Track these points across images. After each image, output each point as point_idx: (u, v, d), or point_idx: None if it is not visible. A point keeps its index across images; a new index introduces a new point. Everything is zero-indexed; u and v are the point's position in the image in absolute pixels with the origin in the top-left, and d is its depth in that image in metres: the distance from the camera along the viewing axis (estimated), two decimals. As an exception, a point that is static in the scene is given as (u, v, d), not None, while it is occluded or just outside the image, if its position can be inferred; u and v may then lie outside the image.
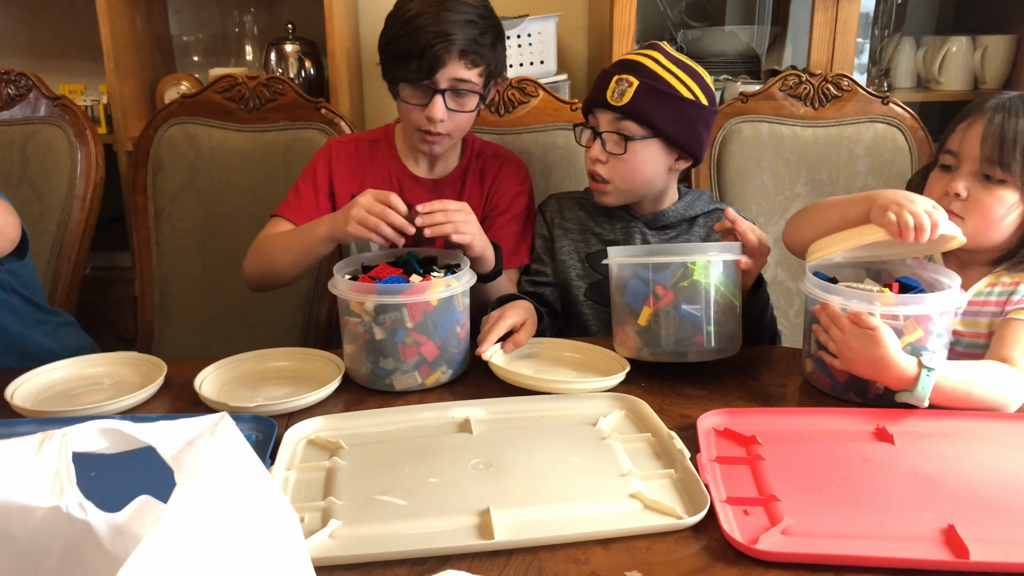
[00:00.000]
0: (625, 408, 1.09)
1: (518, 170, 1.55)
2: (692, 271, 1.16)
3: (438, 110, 1.36)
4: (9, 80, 1.83)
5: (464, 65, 1.35)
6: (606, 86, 1.35)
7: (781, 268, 1.84)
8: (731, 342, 1.20)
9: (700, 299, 1.17)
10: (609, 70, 1.37)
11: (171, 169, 1.80)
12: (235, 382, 1.20)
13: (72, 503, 0.55)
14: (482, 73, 1.38)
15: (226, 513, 0.58)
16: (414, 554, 0.80)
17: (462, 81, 1.36)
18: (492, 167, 1.54)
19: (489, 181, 1.53)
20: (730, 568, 0.78)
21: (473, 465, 0.95)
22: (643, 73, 1.33)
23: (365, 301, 1.13)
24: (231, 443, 0.64)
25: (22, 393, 1.14)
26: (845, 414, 1.07)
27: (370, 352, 1.15)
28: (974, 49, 2.23)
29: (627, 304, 1.20)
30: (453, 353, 1.18)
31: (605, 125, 1.35)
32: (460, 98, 1.38)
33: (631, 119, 1.33)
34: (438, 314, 1.15)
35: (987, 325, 1.23)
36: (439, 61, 1.33)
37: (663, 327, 1.18)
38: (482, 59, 1.37)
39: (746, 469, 0.94)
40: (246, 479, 0.62)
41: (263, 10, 2.38)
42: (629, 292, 1.19)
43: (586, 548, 0.81)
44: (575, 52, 2.38)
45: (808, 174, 1.82)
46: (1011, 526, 0.83)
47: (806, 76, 1.82)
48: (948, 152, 1.24)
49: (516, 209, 1.52)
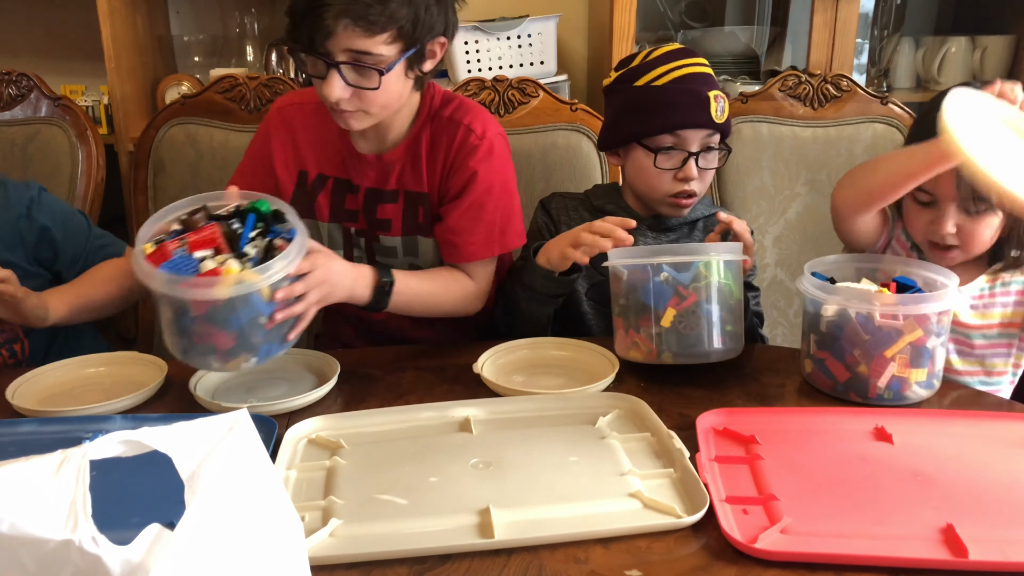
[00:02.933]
0: (624, 407, 1.09)
1: (480, 138, 1.29)
2: (708, 272, 1.15)
3: (333, 88, 1.16)
4: (10, 80, 1.83)
5: (360, 33, 1.12)
6: (703, 105, 1.30)
7: (781, 268, 1.85)
8: (740, 342, 1.21)
9: (718, 299, 1.16)
10: (693, 89, 1.32)
11: (172, 169, 1.80)
12: (232, 382, 1.20)
13: (86, 537, 0.55)
14: (391, 40, 1.14)
15: (232, 538, 0.59)
16: (414, 553, 0.80)
17: (362, 53, 1.14)
18: (445, 134, 1.30)
19: (442, 153, 1.30)
20: (729, 567, 0.78)
21: (473, 464, 0.95)
22: (720, 86, 1.34)
23: (149, 281, 1.01)
24: (246, 448, 0.65)
25: (23, 393, 1.14)
26: (844, 414, 1.07)
27: (166, 326, 1.05)
28: (973, 49, 2.23)
29: (646, 304, 1.16)
30: (257, 343, 1.05)
31: (698, 144, 1.33)
32: (362, 72, 1.16)
33: (721, 132, 1.34)
34: (229, 309, 1.00)
35: (999, 316, 1.26)
36: (324, 30, 1.11)
37: (689, 327, 1.15)
38: (388, 21, 1.12)
39: (745, 468, 0.94)
40: (254, 492, 0.64)
41: (264, 10, 2.38)
42: (647, 293, 1.16)
43: (586, 547, 0.81)
44: (575, 52, 2.38)
45: (808, 174, 1.82)
46: (1010, 525, 0.83)
47: (806, 76, 1.82)
48: (922, 190, 1.22)
49: (475, 193, 1.30)
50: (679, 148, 1.33)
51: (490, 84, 1.78)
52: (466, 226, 1.30)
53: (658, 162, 1.34)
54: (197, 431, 0.63)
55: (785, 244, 1.84)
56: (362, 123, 1.23)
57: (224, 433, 0.65)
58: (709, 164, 1.35)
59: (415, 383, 1.20)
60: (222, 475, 0.61)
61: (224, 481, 0.61)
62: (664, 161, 1.34)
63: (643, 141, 1.34)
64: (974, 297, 1.27)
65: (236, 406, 1.08)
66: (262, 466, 0.66)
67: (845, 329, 1.11)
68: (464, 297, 1.34)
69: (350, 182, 1.35)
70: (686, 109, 1.31)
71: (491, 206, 1.30)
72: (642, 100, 1.34)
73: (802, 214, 1.83)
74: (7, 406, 1.11)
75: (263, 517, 0.64)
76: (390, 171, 1.32)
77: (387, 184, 1.33)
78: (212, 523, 0.58)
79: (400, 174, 1.32)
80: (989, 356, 1.28)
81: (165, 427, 0.63)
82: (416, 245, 1.36)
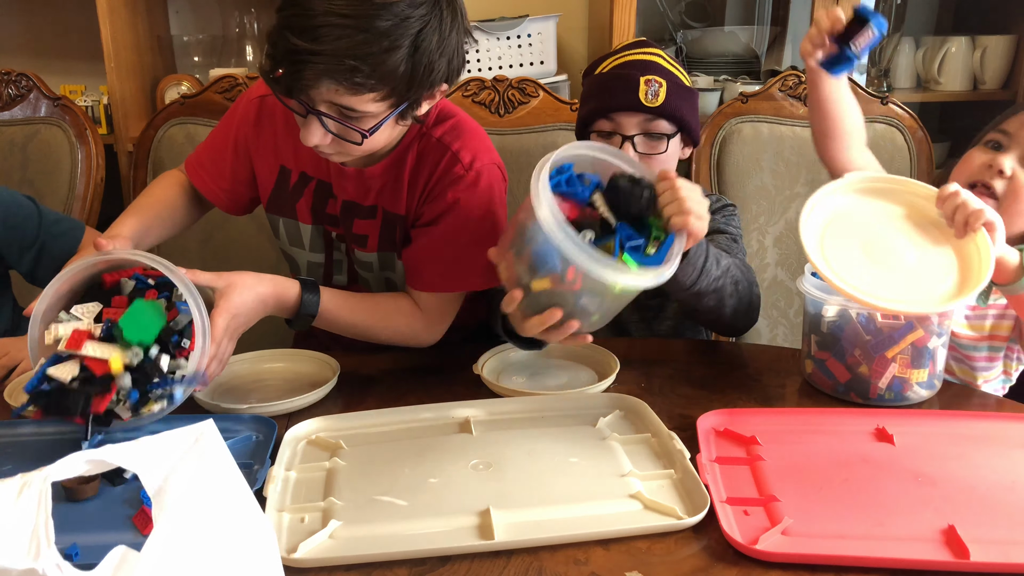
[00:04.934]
0: (625, 408, 1.09)
1: (465, 168, 1.18)
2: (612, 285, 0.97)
3: (312, 135, 1.05)
4: (9, 80, 1.83)
5: (344, 91, 0.99)
6: (632, 88, 1.25)
7: (781, 268, 1.84)
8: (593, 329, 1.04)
9: (600, 299, 0.99)
10: (625, 73, 1.28)
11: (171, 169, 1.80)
12: (232, 383, 1.20)
13: (49, 565, 0.54)
14: (380, 98, 1.01)
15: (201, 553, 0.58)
16: (414, 554, 0.80)
17: (346, 108, 1.02)
18: (431, 157, 1.20)
19: (423, 177, 1.20)
20: (730, 568, 0.78)
21: (473, 465, 0.95)
22: (663, 72, 1.28)
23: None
24: (213, 459, 0.64)
25: (23, 393, 1.14)
26: (845, 414, 1.07)
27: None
28: (973, 49, 2.23)
29: (535, 255, 0.96)
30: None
31: (633, 128, 1.28)
32: (346, 123, 1.04)
33: (664, 118, 1.27)
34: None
35: (990, 328, 1.26)
36: (301, 81, 0.98)
37: (543, 309, 0.99)
38: (378, 83, 0.99)
39: (746, 469, 0.94)
40: (223, 504, 0.63)
41: (264, 10, 2.38)
42: (540, 247, 0.95)
43: (586, 548, 0.81)
44: (575, 52, 2.38)
45: (808, 174, 1.82)
46: (1011, 526, 0.83)
47: (806, 76, 1.82)
48: (1002, 132, 1.23)
49: (447, 224, 1.19)
50: (616, 132, 1.29)
51: (490, 84, 1.78)
52: (430, 256, 1.22)
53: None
54: (163, 445, 0.62)
55: (785, 244, 1.84)
56: (343, 159, 1.16)
57: (191, 445, 0.64)
58: (651, 150, 1.28)
59: (415, 384, 1.19)
60: (189, 489, 0.60)
61: (192, 496, 0.60)
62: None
63: (590, 129, 1.33)
64: (969, 308, 1.27)
65: (235, 407, 1.08)
66: (230, 476, 0.65)
67: (846, 330, 1.11)
68: (408, 329, 1.24)
69: (331, 188, 1.27)
70: (615, 93, 1.27)
71: (462, 241, 1.19)
72: (587, 88, 1.34)
73: (802, 214, 1.83)
74: (7, 406, 1.11)
75: (233, 528, 0.63)
76: (370, 187, 1.23)
77: (366, 200, 1.25)
78: (180, 541, 0.57)
79: (380, 191, 1.24)
80: (982, 369, 1.29)
81: (131, 443, 0.62)
82: (393, 262, 1.30)
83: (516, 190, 1.73)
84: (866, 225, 1.06)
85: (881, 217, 1.07)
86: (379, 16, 0.96)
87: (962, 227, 1.02)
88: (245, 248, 1.82)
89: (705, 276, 1.16)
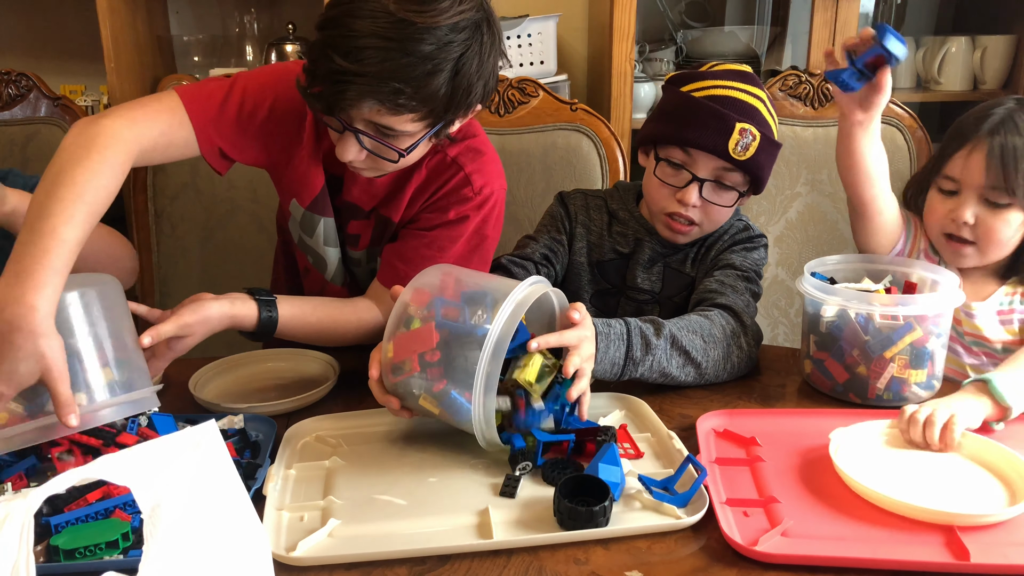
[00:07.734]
0: (625, 408, 1.09)
1: (475, 193, 1.20)
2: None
3: (348, 151, 1.07)
4: (9, 80, 1.83)
5: (385, 111, 1.01)
6: (724, 132, 1.18)
7: (781, 268, 1.84)
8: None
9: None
10: (722, 113, 1.19)
11: (171, 169, 1.80)
12: (232, 383, 1.20)
13: None
14: (419, 119, 1.04)
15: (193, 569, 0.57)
16: (414, 553, 0.80)
17: (385, 128, 1.04)
18: (442, 176, 1.20)
19: (429, 193, 1.21)
20: (729, 569, 0.78)
21: (472, 464, 0.95)
22: (760, 123, 1.20)
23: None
24: (213, 466, 0.63)
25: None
26: (845, 415, 1.07)
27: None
28: (973, 49, 2.23)
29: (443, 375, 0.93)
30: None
31: (708, 172, 1.21)
32: (383, 141, 1.06)
33: (744, 172, 1.21)
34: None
35: (1020, 332, 1.27)
36: (343, 100, 1.00)
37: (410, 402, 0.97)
38: (419, 104, 1.01)
39: (746, 470, 0.94)
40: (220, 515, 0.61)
41: (263, 10, 2.38)
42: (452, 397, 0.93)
43: (586, 548, 0.81)
44: (575, 52, 2.38)
45: (808, 174, 1.82)
46: (1011, 528, 0.83)
47: (806, 76, 1.82)
48: (948, 179, 1.24)
49: (443, 233, 1.20)
50: (687, 168, 1.22)
51: (490, 84, 1.77)
52: (413, 256, 1.19)
53: (657, 171, 1.25)
54: (161, 453, 0.60)
55: (785, 244, 1.84)
56: (375, 174, 1.17)
57: (191, 451, 0.62)
58: (717, 200, 1.23)
59: (415, 383, 1.19)
60: (185, 508, 0.58)
61: (187, 513, 0.58)
62: (665, 173, 1.25)
63: (658, 147, 1.26)
64: (1000, 312, 1.27)
65: (236, 407, 1.08)
66: (229, 484, 0.64)
67: (845, 330, 1.10)
68: (358, 328, 1.20)
69: (341, 185, 1.25)
70: (703, 128, 1.19)
71: (448, 252, 1.19)
72: (673, 106, 1.25)
73: (803, 214, 1.83)
74: None
75: (226, 540, 0.61)
76: (375, 194, 1.23)
77: (367, 205, 1.25)
78: (173, 562, 0.56)
79: (382, 199, 1.24)
80: None
81: (125, 452, 0.59)
82: (377, 257, 1.29)
83: (515, 190, 1.74)
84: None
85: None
86: (423, 40, 0.98)
87: (944, 445, 0.96)
88: (245, 248, 1.82)
89: (631, 370, 1.09)
